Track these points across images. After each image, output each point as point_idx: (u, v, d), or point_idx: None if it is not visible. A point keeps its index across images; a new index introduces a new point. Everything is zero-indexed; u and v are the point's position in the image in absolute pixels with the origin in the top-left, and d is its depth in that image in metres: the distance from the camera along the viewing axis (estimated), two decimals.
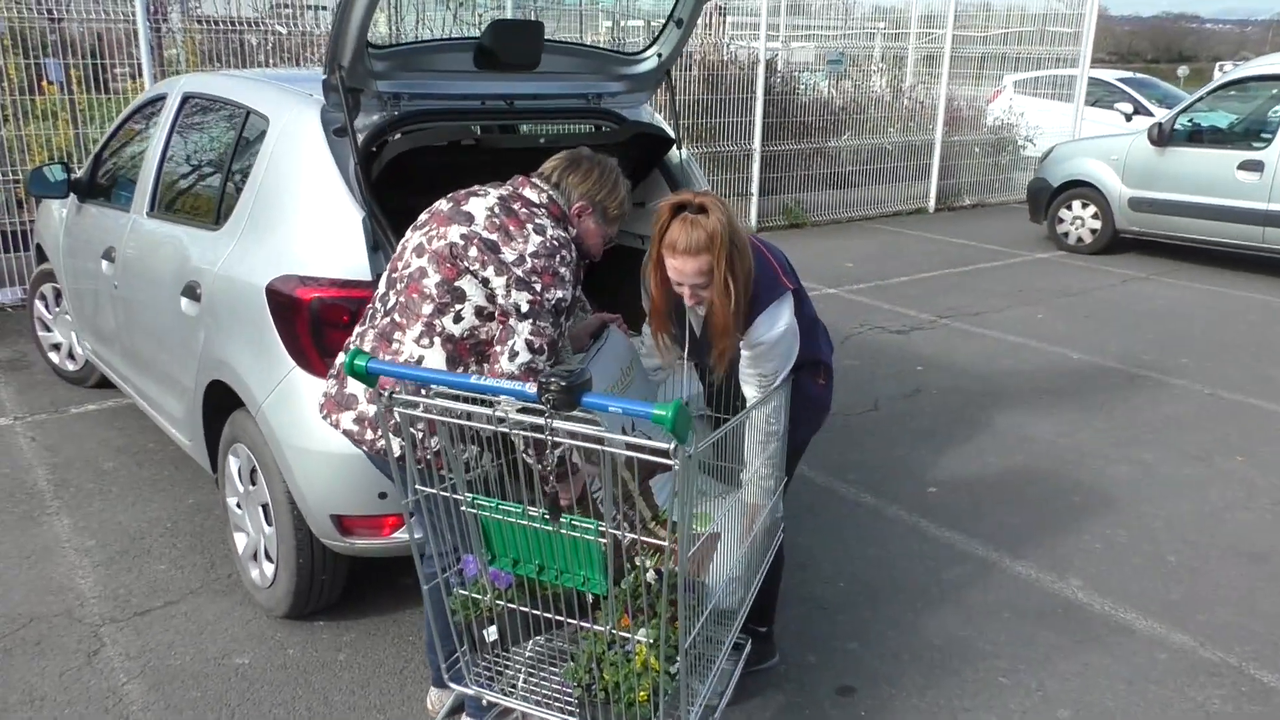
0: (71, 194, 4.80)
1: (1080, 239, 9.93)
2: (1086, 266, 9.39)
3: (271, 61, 8.34)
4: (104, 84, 7.65)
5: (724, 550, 2.55)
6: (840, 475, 4.64)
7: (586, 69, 3.66)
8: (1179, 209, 9.10)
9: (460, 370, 2.41)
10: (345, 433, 2.49)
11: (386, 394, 2.06)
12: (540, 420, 1.90)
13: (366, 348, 2.46)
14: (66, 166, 4.81)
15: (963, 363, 6.34)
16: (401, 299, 2.44)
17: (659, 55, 3.69)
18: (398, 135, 3.21)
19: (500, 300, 2.35)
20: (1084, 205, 9.85)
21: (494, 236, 2.38)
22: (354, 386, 2.47)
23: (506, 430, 1.96)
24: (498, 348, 2.36)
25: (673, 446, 1.86)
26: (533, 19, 6.17)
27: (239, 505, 3.50)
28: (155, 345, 3.91)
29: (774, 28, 13.30)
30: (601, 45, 9.67)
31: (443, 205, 2.52)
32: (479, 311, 2.38)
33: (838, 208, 11.61)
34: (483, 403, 2.01)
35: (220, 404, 3.44)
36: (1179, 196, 9.08)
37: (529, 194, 2.51)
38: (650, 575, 2.20)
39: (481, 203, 2.47)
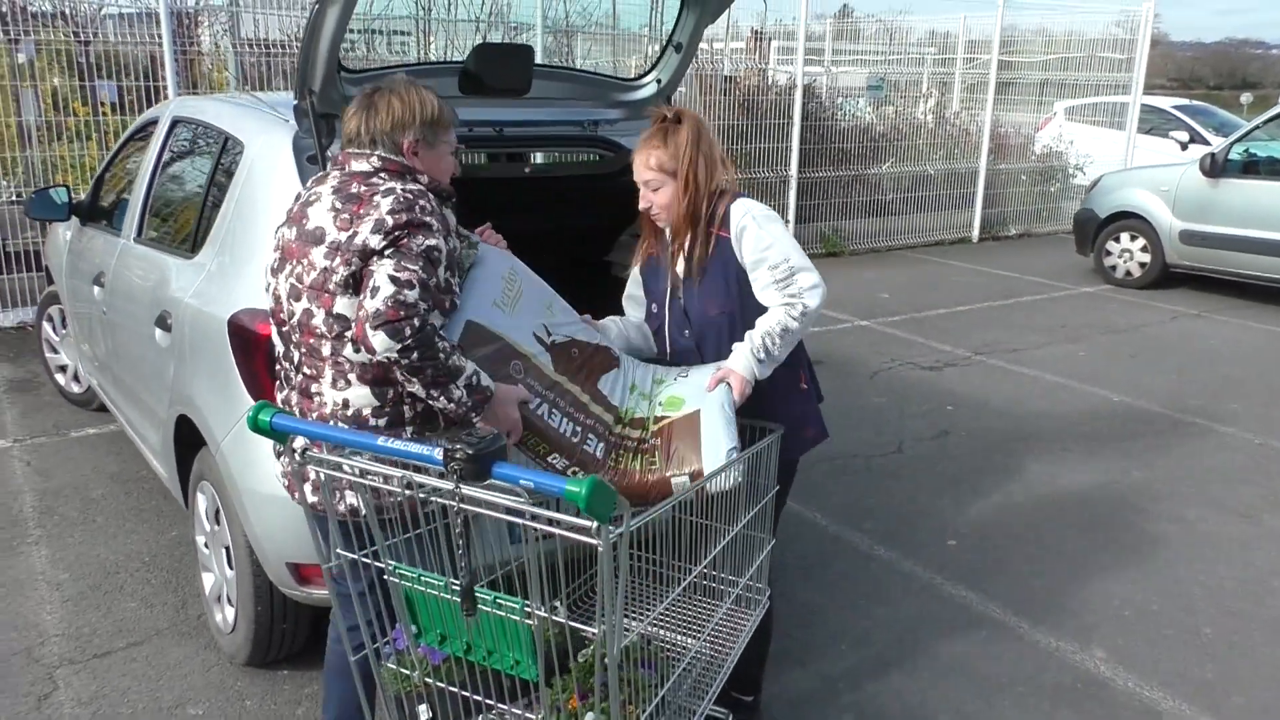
0: (74, 217, 4.73)
1: (1129, 272, 9.54)
2: (1134, 301, 9.00)
3: None
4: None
5: (711, 425, 2.37)
6: (854, 524, 4.37)
7: (582, 95, 3.48)
8: (1233, 243, 8.70)
9: (392, 393, 2.20)
10: (311, 505, 2.17)
11: (299, 451, 1.88)
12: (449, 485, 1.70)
13: (296, 413, 2.26)
14: (69, 189, 4.75)
15: (996, 403, 6.04)
16: (303, 350, 2.23)
17: (658, 81, 3.50)
18: None
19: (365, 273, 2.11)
20: (1132, 238, 9.47)
21: (348, 231, 2.13)
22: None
23: (415, 495, 1.76)
24: (360, 297, 2.08)
25: (594, 527, 1.64)
26: (523, 43, 6.03)
27: (206, 545, 3.35)
28: (135, 374, 3.79)
29: (819, 52, 13.10)
30: (601, 71, 9.56)
31: (287, 234, 2.24)
32: None
33: (877, 236, 11.33)
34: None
35: (191, 438, 3.29)
36: (1233, 230, 8.68)
37: (358, 167, 2.23)
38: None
39: (321, 208, 2.19)
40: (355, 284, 2.12)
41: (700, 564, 2.30)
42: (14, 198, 7.23)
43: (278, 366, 2.36)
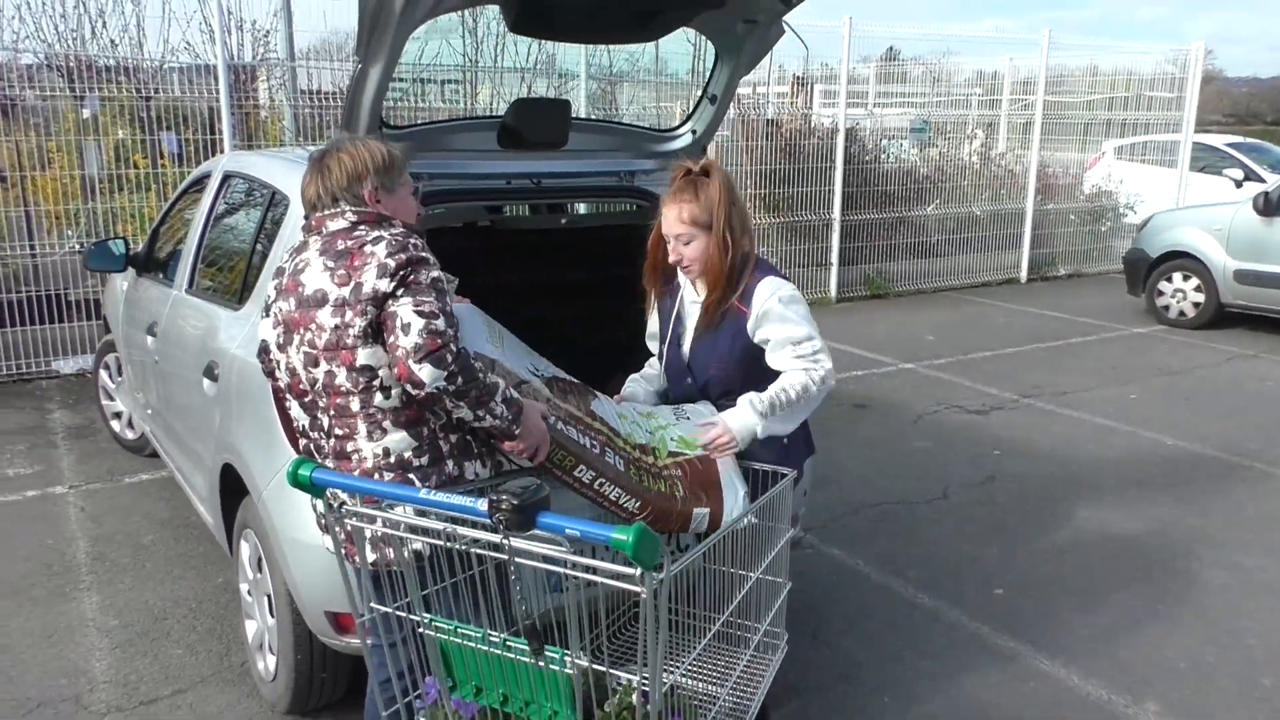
0: (130, 268, 4.87)
1: (1182, 313, 9.36)
2: (1188, 342, 8.83)
3: None
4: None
5: (726, 471, 2.59)
6: (898, 572, 4.31)
7: (618, 146, 3.54)
8: None
9: (426, 431, 2.24)
10: (372, 564, 2.23)
11: (336, 504, 1.91)
12: (495, 538, 1.73)
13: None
14: (127, 241, 4.90)
15: (1044, 447, 5.94)
16: (331, 413, 2.23)
17: (693, 132, 3.54)
18: None
19: (385, 319, 2.13)
20: (1185, 277, 9.30)
21: (350, 284, 2.15)
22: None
23: (455, 545, 1.79)
24: (390, 339, 2.10)
25: (639, 573, 1.67)
26: (560, 97, 6.12)
27: (249, 592, 3.40)
28: (184, 422, 3.88)
29: (863, 95, 13.14)
30: (644, 116, 9.68)
31: (285, 306, 2.26)
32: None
33: (922, 278, 11.25)
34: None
35: (236, 486, 3.35)
36: None
37: (335, 225, 2.25)
38: (635, 697, 1.98)
39: (314, 272, 2.21)
40: (375, 333, 2.15)
41: (725, 611, 2.30)
42: (76, 248, 7.47)
43: (304, 442, 2.36)
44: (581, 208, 4.43)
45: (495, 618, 2.00)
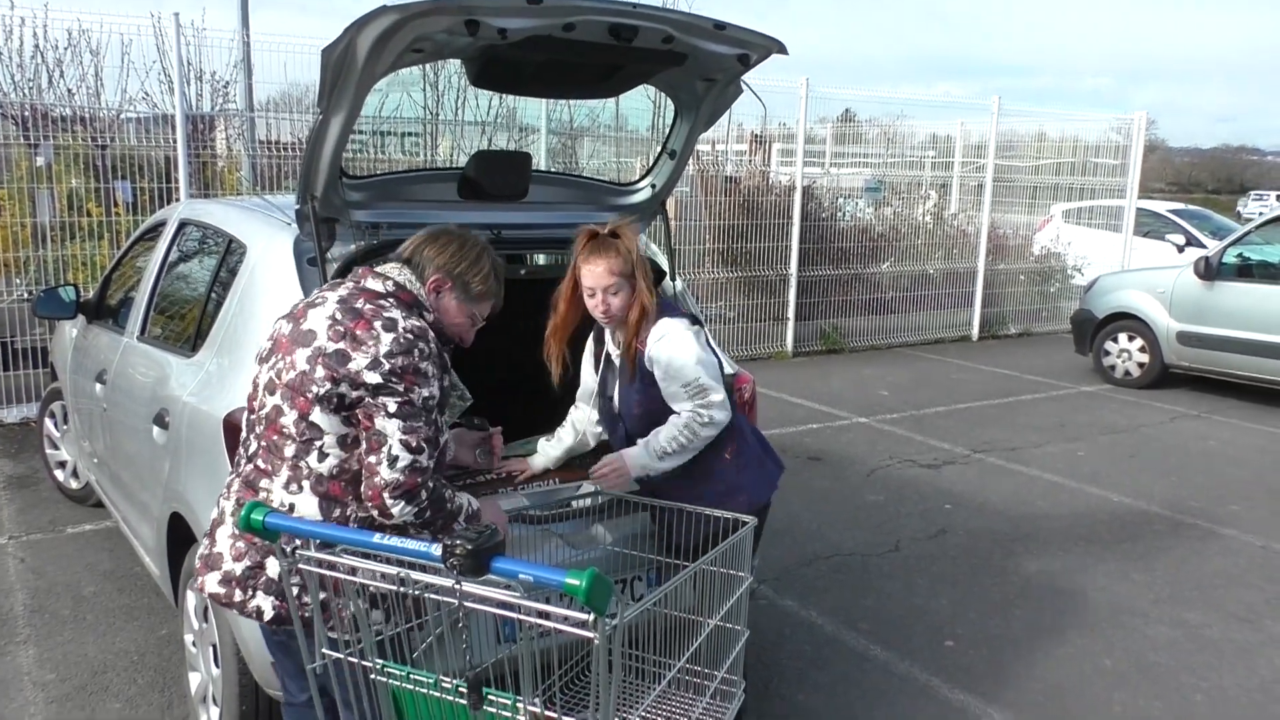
0: (80, 314, 4.81)
1: (1128, 372, 9.58)
2: (1134, 401, 9.02)
3: None
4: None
5: None
6: (850, 624, 4.32)
7: (578, 199, 3.58)
8: (1230, 345, 8.75)
9: (339, 512, 2.20)
10: (211, 595, 2.24)
11: (290, 550, 1.90)
12: (447, 583, 1.73)
13: (231, 499, 2.28)
14: (78, 288, 4.85)
15: (995, 502, 6.02)
16: (263, 443, 2.23)
17: (653, 186, 3.60)
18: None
19: (361, 409, 2.14)
20: (1130, 338, 9.54)
21: (340, 346, 2.14)
22: (221, 544, 2.27)
23: (409, 592, 1.78)
24: (371, 459, 2.12)
25: (591, 618, 1.67)
26: (520, 150, 6.19)
27: (194, 643, 3.33)
28: (132, 470, 3.82)
29: (820, 155, 13.41)
30: (604, 170, 9.82)
31: (284, 327, 2.27)
32: (342, 442, 2.17)
33: (876, 334, 11.43)
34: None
35: (184, 536, 3.30)
36: (1231, 332, 8.74)
37: (372, 285, 2.27)
38: None
39: (321, 313, 2.21)
40: (339, 405, 2.14)
41: (681, 658, 2.30)
42: (25, 295, 7.36)
43: (237, 454, 2.38)
44: (541, 259, 4.47)
45: (449, 664, 1.99)
